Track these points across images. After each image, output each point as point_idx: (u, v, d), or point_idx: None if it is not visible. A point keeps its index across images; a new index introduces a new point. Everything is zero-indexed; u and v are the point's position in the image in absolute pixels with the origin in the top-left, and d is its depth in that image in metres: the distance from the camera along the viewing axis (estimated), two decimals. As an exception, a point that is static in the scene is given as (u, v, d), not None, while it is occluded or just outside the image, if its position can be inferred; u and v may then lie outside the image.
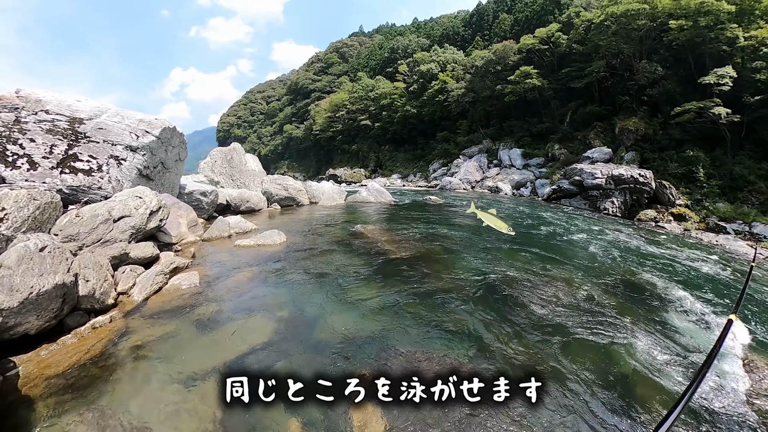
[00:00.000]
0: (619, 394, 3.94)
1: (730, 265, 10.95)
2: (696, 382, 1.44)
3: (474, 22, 69.75)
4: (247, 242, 8.94)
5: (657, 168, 23.62)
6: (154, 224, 7.65)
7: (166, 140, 10.30)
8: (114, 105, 9.72)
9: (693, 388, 1.40)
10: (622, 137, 28.30)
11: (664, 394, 3.99)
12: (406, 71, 64.25)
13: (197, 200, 11.77)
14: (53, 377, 3.78)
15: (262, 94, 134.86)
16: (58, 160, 7.97)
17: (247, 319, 5.20)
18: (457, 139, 48.45)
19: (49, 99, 8.77)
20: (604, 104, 33.96)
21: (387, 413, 3.38)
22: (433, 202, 21.30)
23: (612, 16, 29.51)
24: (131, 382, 3.79)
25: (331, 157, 73.02)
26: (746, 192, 20.20)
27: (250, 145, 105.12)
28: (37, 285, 4.01)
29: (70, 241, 5.98)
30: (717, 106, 21.80)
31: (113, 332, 4.66)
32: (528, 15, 53.10)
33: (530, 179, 33.16)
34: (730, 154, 22.30)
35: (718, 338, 1.80)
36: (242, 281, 6.64)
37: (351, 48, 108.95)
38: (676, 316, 6.19)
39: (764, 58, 21.21)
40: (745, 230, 17.69)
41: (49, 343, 4.32)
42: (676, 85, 26.57)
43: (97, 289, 4.96)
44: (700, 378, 1.47)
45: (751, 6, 22.96)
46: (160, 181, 10.26)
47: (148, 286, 5.85)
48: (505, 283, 6.96)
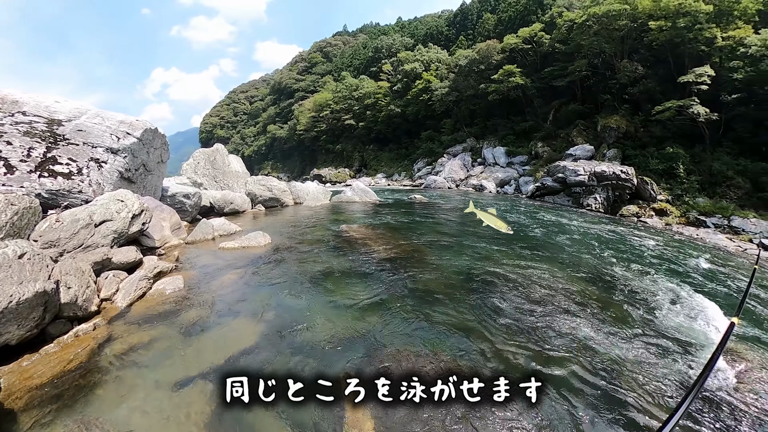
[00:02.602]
0: (618, 393, 3.94)
1: (713, 258, 11.18)
2: (697, 386, 1.44)
3: (458, 21, 70.13)
4: (232, 244, 8.82)
5: (638, 164, 24.12)
6: (137, 228, 7.50)
7: (147, 142, 10.11)
8: (99, 106, 9.53)
9: (694, 392, 1.40)
10: (604, 135, 28.75)
11: (664, 393, 4.02)
12: (390, 71, 64.31)
13: (180, 203, 11.58)
14: (36, 388, 3.66)
15: (246, 94, 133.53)
16: (36, 163, 7.75)
17: (233, 323, 5.13)
18: (441, 138, 48.73)
19: (26, 100, 8.51)
20: (586, 102, 34.48)
21: (374, 412, 3.36)
22: (419, 201, 21.31)
23: (594, 17, 29.98)
24: (117, 391, 3.69)
25: (316, 157, 72.75)
26: (725, 187, 20.74)
27: (234, 145, 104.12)
28: (17, 293, 3.89)
29: (50, 247, 5.82)
30: (696, 105, 22.37)
31: (97, 340, 4.54)
32: (511, 15, 53.46)
33: (514, 177, 33.48)
34: (709, 151, 22.85)
35: (720, 341, 1.81)
36: (227, 284, 6.54)
37: (335, 47, 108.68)
38: (669, 310, 6.26)
39: (741, 57, 21.74)
40: (724, 224, 18.16)
41: (31, 353, 4.18)
42: (656, 84, 27.14)
43: (80, 296, 4.84)
44: (702, 381, 1.47)
45: (729, 7, 23.46)
46: (142, 183, 10.07)
47: (132, 292, 5.72)
48: (492, 280, 6.98)
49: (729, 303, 7.11)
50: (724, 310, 6.29)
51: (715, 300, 6.87)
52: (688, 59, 24.59)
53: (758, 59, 20.68)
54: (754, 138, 21.65)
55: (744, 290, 3.10)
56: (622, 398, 3.87)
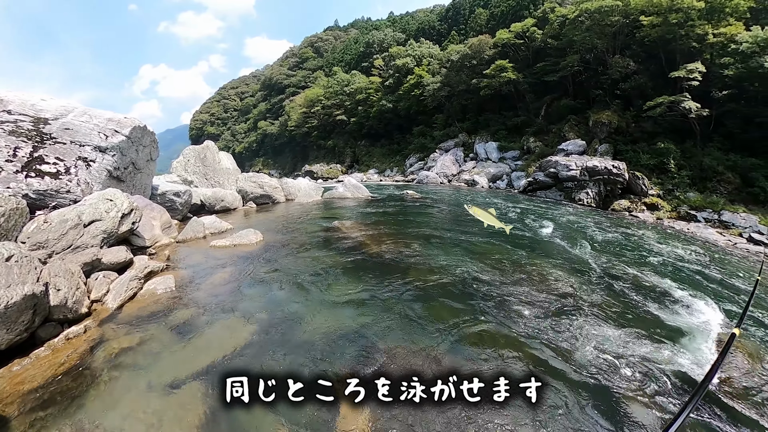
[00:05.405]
0: (618, 393, 3.95)
1: (704, 251, 11.27)
2: (698, 393, 1.42)
3: (450, 16, 70.07)
4: (223, 242, 8.75)
5: (630, 159, 24.28)
6: (127, 227, 7.41)
7: (136, 140, 9.98)
8: (86, 104, 9.36)
9: (695, 401, 1.38)
10: (596, 130, 28.88)
11: (664, 393, 4.02)
12: (381, 66, 64.04)
13: (170, 201, 11.47)
14: (27, 393, 3.60)
15: (236, 90, 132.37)
16: (22, 163, 7.61)
17: (225, 322, 5.08)
18: (433, 133, 48.68)
19: (11, 98, 8.35)
20: (578, 98, 34.58)
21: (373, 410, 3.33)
22: (411, 196, 21.26)
23: (586, 12, 30.09)
24: (109, 394, 3.64)
25: (307, 154, 72.39)
26: (715, 182, 20.97)
27: (224, 142, 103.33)
28: (5, 297, 3.81)
29: (38, 248, 5.73)
30: (687, 101, 22.54)
31: (88, 342, 4.48)
32: (504, 10, 53.53)
33: (506, 172, 33.54)
34: (700, 146, 23.07)
35: (722, 351, 1.80)
36: (219, 283, 6.49)
37: (326, 42, 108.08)
38: (663, 307, 6.29)
39: (732, 54, 21.90)
40: (714, 218, 18.37)
41: (21, 357, 4.12)
42: (647, 80, 27.31)
43: (70, 298, 4.76)
44: (703, 390, 1.46)
45: (721, 4, 23.59)
46: (131, 182, 9.95)
47: (123, 293, 5.64)
48: (486, 276, 6.97)
49: (720, 296, 7.17)
50: (720, 308, 6.36)
51: (708, 295, 6.94)
52: (680, 55, 24.74)
53: (749, 56, 20.83)
54: (744, 134, 21.91)
55: (746, 301, 3.09)
56: (622, 398, 3.88)
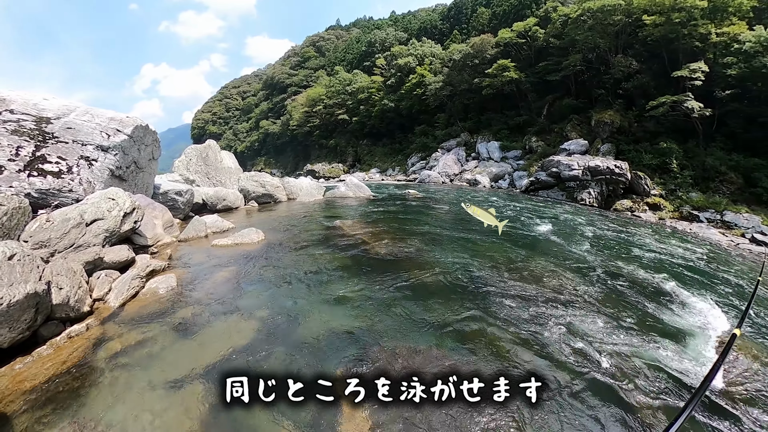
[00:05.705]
0: (618, 393, 3.94)
1: (706, 252, 11.25)
2: (699, 394, 1.42)
3: (452, 15, 69.87)
4: (225, 241, 8.76)
5: (632, 159, 24.21)
6: (129, 226, 7.42)
7: (138, 139, 10.00)
8: (87, 103, 9.36)
9: (695, 401, 1.38)
10: (598, 129, 28.82)
11: (663, 393, 4.02)
12: (383, 65, 63.97)
13: (172, 200, 11.49)
14: (30, 391, 3.62)
15: (238, 90, 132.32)
16: (25, 162, 7.63)
17: (227, 321, 5.09)
18: (435, 132, 48.63)
19: (13, 98, 8.36)
20: (580, 97, 34.53)
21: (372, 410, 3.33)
22: (413, 196, 21.23)
23: (588, 11, 30.01)
24: (111, 393, 3.65)
25: (309, 153, 72.35)
26: (718, 182, 20.91)
27: (226, 141, 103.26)
28: (8, 295, 3.82)
29: (40, 247, 5.74)
30: (690, 100, 22.47)
31: (90, 341, 4.49)
32: (506, 9, 53.38)
33: (508, 171, 33.50)
34: (702, 146, 23.00)
35: (722, 352, 1.80)
36: (221, 282, 6.49)
37: (328, 42, 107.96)
38: (664, 306, 6.28)
39: (735, 54, 21.83)
40: (717, 218, 18.32)
41: (23, 355, 4.14)
42: (650, 79, 27.23)
43: (72, 296, 4.77)
44: (703, 390, 1.46)
45: (724, 3, 23.51)
46: (133, 181, 9.96)
47: (125, 291, 5.65)
48: (487, 276, 6.97)
49: (722, 297, 7.16)
50: (721, 308, 6.34)
51: (709, 296, 6.92)
52: (683, 55, 24.66)
53: (752, 56, 20.78)
54: (747, 134, 21.82)
55: (747, 302, 3.09)
56: (622, 398, 3.87)
